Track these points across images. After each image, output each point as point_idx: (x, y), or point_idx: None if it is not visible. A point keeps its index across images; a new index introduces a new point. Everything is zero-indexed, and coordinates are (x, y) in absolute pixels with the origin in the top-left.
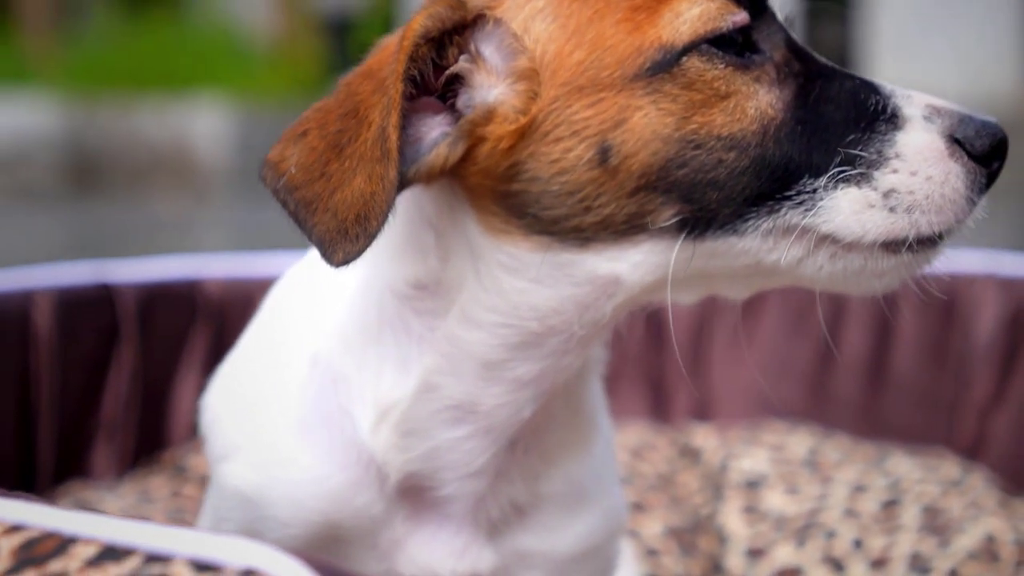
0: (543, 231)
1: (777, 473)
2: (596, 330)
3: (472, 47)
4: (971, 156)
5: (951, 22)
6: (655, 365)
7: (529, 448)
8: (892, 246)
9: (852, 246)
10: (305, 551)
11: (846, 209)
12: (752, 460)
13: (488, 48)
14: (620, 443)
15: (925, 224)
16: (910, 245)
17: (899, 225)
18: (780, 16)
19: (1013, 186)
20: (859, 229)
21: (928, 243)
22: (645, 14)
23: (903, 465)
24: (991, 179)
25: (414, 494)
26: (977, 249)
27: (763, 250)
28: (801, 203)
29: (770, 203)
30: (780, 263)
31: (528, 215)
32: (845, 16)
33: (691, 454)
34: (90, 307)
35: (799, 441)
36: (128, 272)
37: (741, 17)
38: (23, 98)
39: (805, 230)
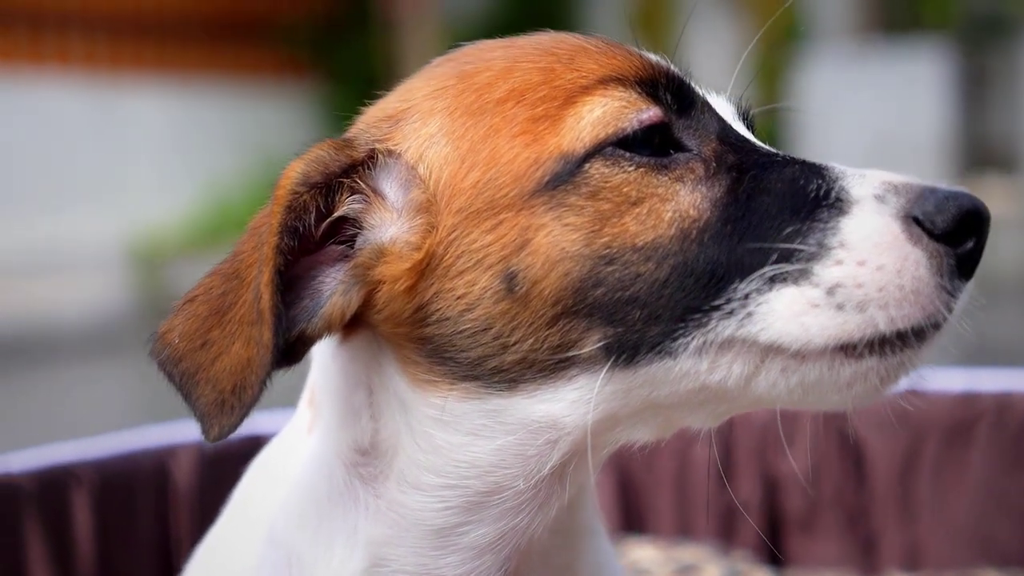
0: (467, 376)
1: None
2: (551, 485)
3: (367, 186)
4: (933, 236)
5: None
6: (856, 506)
7: None
8: (850, 350)
9: (802, 355)
10: None
11: (784, 312)
12: None
13: (386, 184)
14: None
15: (884, 321)
16: (873, 347)
17: (851, 325)
18: (723, 106)
19: None
20: (802, 334)
21: (901, 343)
22: (547, 123)
23: None
24: (968, 260)
25: None
26: None
27: (702, 371)
28: (732, 312)
29: (697, 316)
30: (727, 384)
31: (448, 360)
32: None
33: None
34: (238, 460)
35: None
36: (279, 422)
37: (651, 115)
38: None
39: (743, 343)
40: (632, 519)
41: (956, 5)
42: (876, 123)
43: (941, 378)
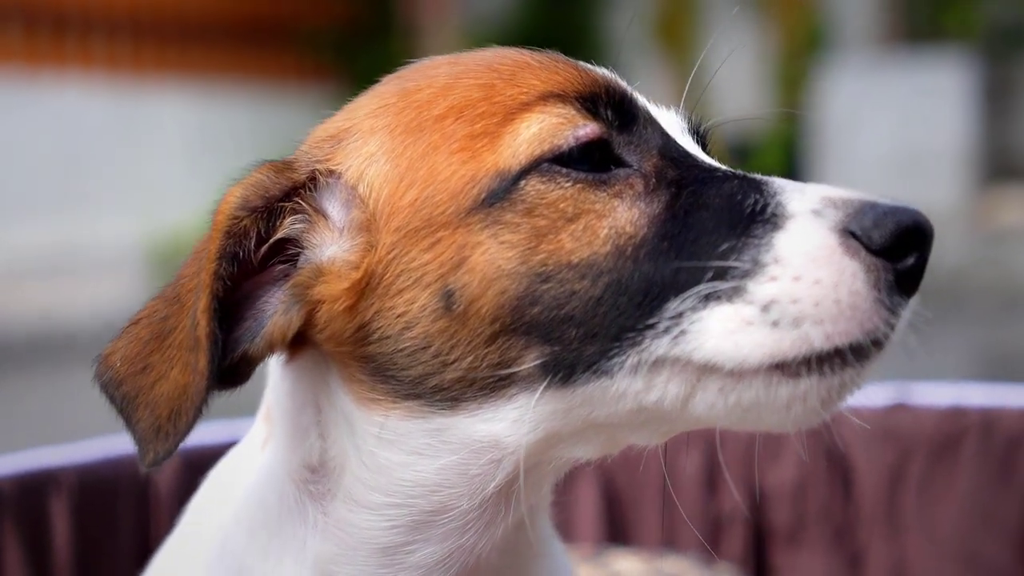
0: (409, 395)
1: None
2: (497, 504)
3: (309, 206)
4: (871, 251)
5: None
6: (842, 520)
7: None
8: (787, 368)
9: (738, 374)
10: None
11: (717, 330)
12: None
13: (328, 204)
14: None
15: (819, 337)
16: (810, 365)
17: (785, 342)
18: (671, 120)
19: None
20: (736, 352)
21: (840, 361)
22: (485, 140)
23: None
24: (909, 276)
25: None
26: None
27: (639, 391)
28: (665, 331)
29: (632, 335)
30: (663, 404)
31: (390, 379)
32: None
33: None
34: None
35: None
36: None
37: (588, 131)
38: None
39: (675, 361)
40: (616, 531)
41: (979, 15)
42: (898, 133)
43: (928, 393)
